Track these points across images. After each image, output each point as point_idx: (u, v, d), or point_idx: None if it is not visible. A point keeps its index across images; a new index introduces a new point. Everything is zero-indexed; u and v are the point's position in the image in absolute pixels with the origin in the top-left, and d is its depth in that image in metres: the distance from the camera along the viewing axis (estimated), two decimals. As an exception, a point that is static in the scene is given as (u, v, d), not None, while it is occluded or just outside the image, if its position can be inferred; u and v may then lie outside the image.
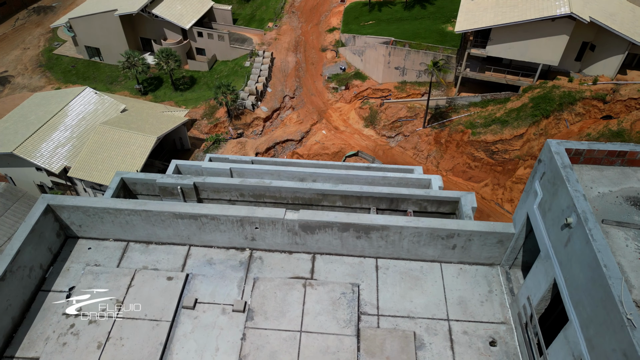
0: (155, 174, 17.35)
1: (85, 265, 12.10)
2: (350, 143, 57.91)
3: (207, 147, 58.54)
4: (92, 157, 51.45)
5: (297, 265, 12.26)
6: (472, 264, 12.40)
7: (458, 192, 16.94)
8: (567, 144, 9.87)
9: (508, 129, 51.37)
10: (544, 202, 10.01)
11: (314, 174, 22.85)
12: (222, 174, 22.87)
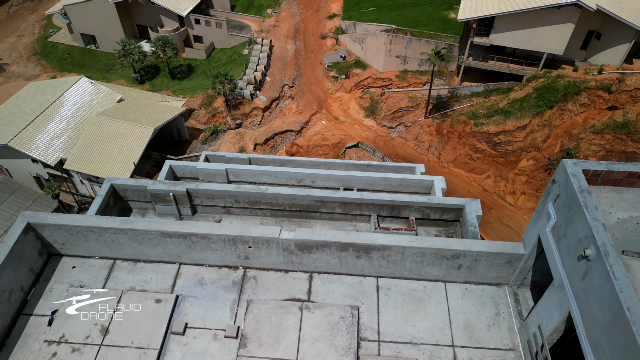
0: (146, 180, 16.62)
1: (69, 286, 11.44)
2: (351, 134, 57.01)
3: (205, 137, 57.68)
4: (88, 149, 50.64)
5: (293, 286, 11.60)
6: (479, 284, 11.73)
7: (462, 200, 16.23)
8: (584, 165, 9.11)
9: (511, 120, 50.43)
10: (558, 227, 9.28)
11: (312, 175, 22.12)
12: (217, 176, 22.14)
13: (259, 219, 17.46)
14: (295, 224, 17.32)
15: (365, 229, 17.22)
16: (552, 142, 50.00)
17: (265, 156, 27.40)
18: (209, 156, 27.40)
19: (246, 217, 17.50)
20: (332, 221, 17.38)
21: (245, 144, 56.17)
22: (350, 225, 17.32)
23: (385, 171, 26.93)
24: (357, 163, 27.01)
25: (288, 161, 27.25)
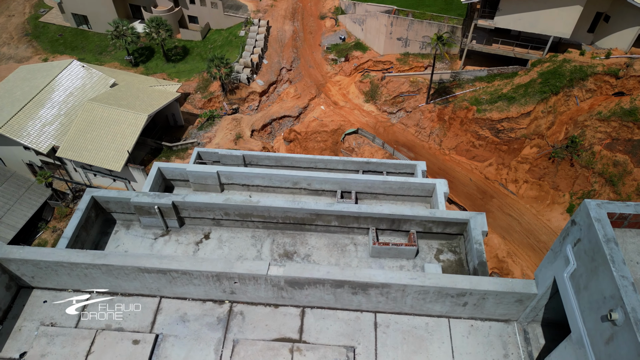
0: (129, 191, 15.56)
1: (39, 324, 10.51)
2: (350, 119, 55.63)
3: (201, 123, 56.31)
4: (80, 136, 49.37)
5: (284, 323, 10.68)
6: (485, 320, 10.81)
7: (467, 213, 15.20)
8: (609, 207, 8.04)
9: (515, 107, 49.02)
10: (579, 276, 8.26)
11: (308, 178, 21.05)
12: (208, 178, 21.07)
13: (250, 231, 16.47)
14: (288, 236, 16.34)
15: (364, 242, 16.24)
16: (557, 129, 48.71)
17: (260, 153, 26.26)
18: (201, 153, 26.28)
19: (237, 229, 16.51)
20: (329, 234, 16.39)
21: (242, 130, 54.86)
22: (348, 238, 16.34)
23: (385, 169, 25.90)
24: (355, 160, 25.89)
25: (284, 158, 26.13)
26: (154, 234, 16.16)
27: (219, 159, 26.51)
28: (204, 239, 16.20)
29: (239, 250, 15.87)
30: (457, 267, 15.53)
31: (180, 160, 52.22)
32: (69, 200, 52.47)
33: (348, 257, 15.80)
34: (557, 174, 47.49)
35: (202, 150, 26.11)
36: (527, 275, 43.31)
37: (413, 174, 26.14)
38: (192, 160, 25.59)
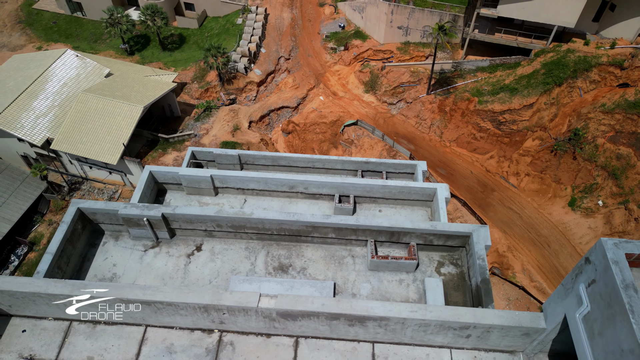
0: (117, 202, 14.86)
1: (17, 356, 9.93)
2: (349, 110, 54.71)
3: (197, 114, 55.38)
4: (75, 128, 48.53)
5: (276, 354, 10.11)
6: (489, 351, 10.24)
7: (469, 227, 14.56)
8: (627, 247, 7.39)
9: (517, 98, 48.10)
10: (593, 320, 7.63)
11: (305, 182, 20.36)
12: (202, 182, 20.40)
13: (244, 243, 15.85)
14: (284, 247, 15.72)
15: (362, 254, 15.63)
16: (560, 121, 47.87)
17: (256, 153, 25.52)
18: (195, 152, 25.57)
19: (230, 240, 15.88)
20: (325, 245, 15.77)
21: (240, 122, 53.97)
22: (345, 249, 15.72)
23: (384, 168, 25.21)
24: (354, 160, 25.17)
25: (280, 158, 25.41)
26: (144, 245, 15.54)
27: (214, 159, 25.80)
28: (196, 251, 15.58)
29: (232, 263, 15.27)
30: (458, 281, 14.95)
31: (177, 152, 51.46)
32: (65, 193, 51.83)
33: (345, 270, 15.21)
34: (559, 167, 46.79)
35: (197, 150, 25.39)
36: (527, 270, 42.92)
37: (413, 174, 25.50)
38: (186, 159, 24.92)
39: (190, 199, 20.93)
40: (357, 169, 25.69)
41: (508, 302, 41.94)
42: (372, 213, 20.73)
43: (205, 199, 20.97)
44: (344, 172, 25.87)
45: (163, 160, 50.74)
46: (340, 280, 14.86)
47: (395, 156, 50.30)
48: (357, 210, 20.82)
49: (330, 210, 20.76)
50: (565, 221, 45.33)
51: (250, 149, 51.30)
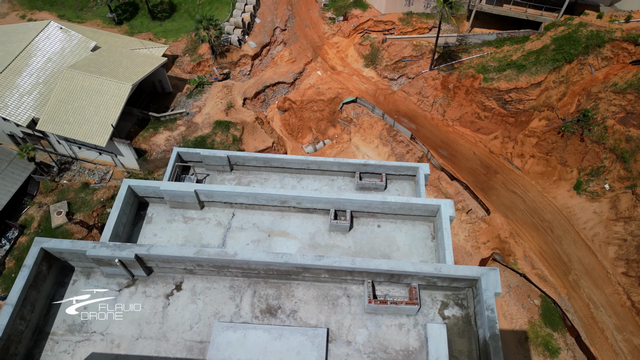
0: (85, 242, 13.33)
1: None
2: (349, 87, 52.37)
3: (190, 90, 53.04)
4: (61, 108, 46.41)
5: None
6: None
7: (478, 270, 13.13)
8: None
9: (525, 76, 45.76)
10: None
11: (297, 197, 18.78)
12: (185, 197, 18.83)
13: (228, 281, 14.44)
14: (272, 286, 14.34)
15: (359, 294, 14.26)
16: (568, 100, 45.75)
17: (246, 154, 23.82)
18: (181, 153, 23.91)
19: (213, 278, 14.47)
20: (318, 283, 14.38)
21: (234, 99, 51.75)
22: (340, 288, 14.34)
23: (384, 171, 23.63)
24: (351, 162, 23.51)
25: (273, 159, 23.74)
26: (118, 284, 14.15)
27: (201, 160, 24.17)
28: (175, 291, 14.21)
29: (215, 304, 13.92)
30: (464, 325, 13.65)
31: (168, 132, 49.53)
32: (55, 173, 50.20)
33: (340, 312, 13.88)
34: (565, 149, 45.06)
35: (183, 151, 23.70)
36: (529, 257, 41.99)
37: (415, 176, 23.92)
38: (172, 161, 23.27)
39: (174, 212, 19.43)
40: (354, 171, 24.10)
41: (508, 289, 41.21)
42: (370, 229, 19.28)
43: (190, 212, 19.47)
44: (340, 173, 24.28)
45: (154, 141, 48.91)
46: (334, 325, 13.56)
47: (395, 136, 48.44)
48: (354, 226, 19.36)
49: (326, 225, 19.30)
50: (570, 205, 44.02)
51: (245, 129, 49.38)
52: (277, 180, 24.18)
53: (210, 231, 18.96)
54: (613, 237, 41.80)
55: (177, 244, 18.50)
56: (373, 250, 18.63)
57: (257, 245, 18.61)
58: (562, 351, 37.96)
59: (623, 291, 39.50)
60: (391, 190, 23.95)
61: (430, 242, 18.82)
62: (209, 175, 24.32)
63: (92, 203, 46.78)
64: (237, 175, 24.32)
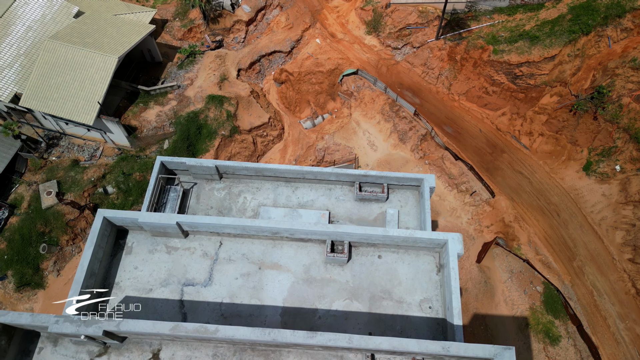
0: (47, 315, 11.81)
1: None
2: (349, 56, 49.34)
3: (180, 60, 50.05)
4: (44, 82, 43.84)
5: None
6: None
7: (491, 350, 11.67)
8: None
9: (538, 49, 42.78)
10: None
11: (290, 229, 17.10)
12: (168, 228, 17.17)
13: (211, 348, 13.04)
14: (260, 354, 12.95)
15: (355, 361, 12.92)
16: (583, 75, 43.03)
17: (236, 164, 21.92)
18: (165, 163, 22.04)
19: (194, 345, 13.07)
20: (312, 351, 13.00)
21: (227, 70, 48.90)
22: (336, 357, 12.95)
23: (385, 181, 21.88)
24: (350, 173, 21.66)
25: (265, 169, 21.89)
26: (89, 352, 12.79)
27: (187, 169, 22.32)
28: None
29: (197, 377, 12.61)
30: (471, 401, 12.36)
31: (159, 106, 47.09)
32: (43, 150, 48.24)
33: (335, 385, 12.60)
34: (577, 127, 42.85)
35: (167, 160, 21.83)
36: (533, 242, 40.80)
37: (419, 187, 22.15)
38: (155, 172, 21.43)
39: (156, 241, 17.84)
40: (353, 181, 22.31)
41: (511, 274, 40.36)
42: (370, 260, 17.75)
43: (174, 241, 17.88)
44: (338, 184, 22.50)
45: (145, 117, 46.59)
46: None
47: (398, 111, 46.05)
48: (353, 256, 17.82)
49: (321, 255, 17.75)
50: (578, 187, 42.37)
51: (240, 104, 46.90)
52: (270, 190, 22.46)
53: (195, 263, 17.46)
54: (621, 221, 40.44)
55: (160, 278, 17.05)
56: (373, 285, 17.19)
57: (247, 280, 17.16)
58: (563, 339, 37.54)
59: (628, 278, 38.60)
60: (393, 201, 22.27)
61: (435, 276, 17.34)
62: (197, 184, 22.56)
63: (82, 182, 45.14)
64: (227, 183, 22.56)
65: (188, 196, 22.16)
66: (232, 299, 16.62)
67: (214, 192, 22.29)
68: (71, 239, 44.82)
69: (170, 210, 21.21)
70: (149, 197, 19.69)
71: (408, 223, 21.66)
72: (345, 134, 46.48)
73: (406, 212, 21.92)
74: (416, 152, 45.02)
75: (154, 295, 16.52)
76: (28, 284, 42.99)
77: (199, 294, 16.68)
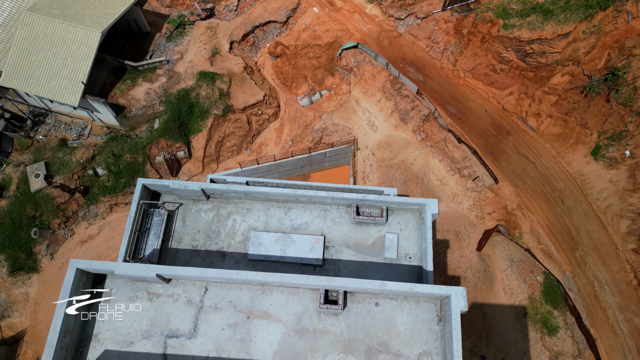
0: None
1: None
2: (349, 28, 46.29)
3: (169, 32, 47.03)
4: (24, 60, 41.32)
5: None
6: None
7: None
8: None
9: (551, 24, 39.90)
10: None
11: (280, 282, 15.83)
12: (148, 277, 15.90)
13: None
14: None
15: None
16: (597, 54, 40.41)
17: (224, 187, 20.36)
18: (148, 185, 20.48)
19: None
20: None
21: (219, 43, 46.04)
22: None
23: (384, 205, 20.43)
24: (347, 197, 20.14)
25: (256, 193, 20.34)
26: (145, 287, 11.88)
27: (172, 192, 20.79)
28: None
29: None
30: None
31: (148, 83, 44.66)
32: (29, 128, 46.28)
33: None
34: (587, 109, 40.74)
35: (149, 183, 20.25)
36: (536, 231, 39.81)
37: (420, 213, 20.71)
38: (136, 197, 19.91)
39: (137, 287, 16.64)
40: (350, 204, 20.87)
41: (511, 263, 39.67)
42: (367, 308, 16.63)
43: (156, 287, 16.67)
44: (334, 205, 21.03)
45: (133, 95, 44.29)
46: None
47: (400, 89, 43.70)
48: (349, 304, 16.68)
49: (314, 303, 16.61)
50: (585, 172, 40.87)
51: (233, 81, 44.45)
52: (261, 211, 21.04)
53: (179, 312, 16.33)
54: (627, 209, 39.26)
55: (141, 329, 15.98)
56: (369, 336, 16.16)
57: (234, 331, 16.10)
58: (561, 330, 37.35)
59: (631, 269, 37.91)
60: (393, 223, 20.90)
61: (435, 326, 16.27)
62: (182, 205, 21.10)
63: (71, 165, 43.57)
64: (215, 204, 21.10)
65: (173, 219, 20.76)
66: (218, 353, 15.64)
67: (201, 214, 20.88)
68: (63, 222, 43.83)
69: (155, 237, 19.88)
70: (129, 233, 18.27)
71: (408, 249, 20.41)
72: (344, 113, 44.37)
73: (406, 237, 20.61)
74: (418, 133, 43.13)
75: (136, 348, 15.51)
76: (21, 268, 42.43)
77: (183, 347, 15.66)
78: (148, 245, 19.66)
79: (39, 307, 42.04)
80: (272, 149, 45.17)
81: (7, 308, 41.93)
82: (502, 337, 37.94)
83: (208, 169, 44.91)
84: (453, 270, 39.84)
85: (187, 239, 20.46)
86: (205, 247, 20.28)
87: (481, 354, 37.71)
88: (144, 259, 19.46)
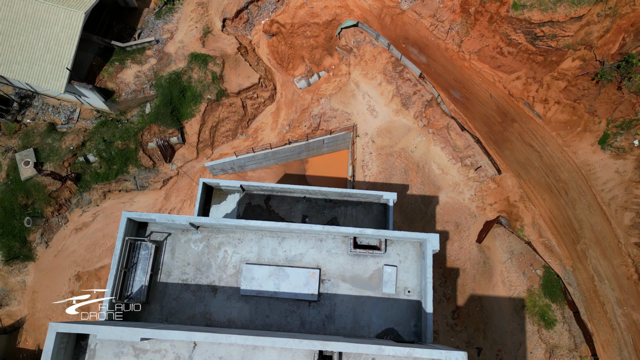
0: None
1: None
2: (349, 4, 43.58)
3: (158, 8, 44.31)
4: (6, 43, 39.13)
5: None
6: None
7: None
8: None
9: (564, 6, 37.40)
10: None
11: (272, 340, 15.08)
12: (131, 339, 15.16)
13: None
14: None
15: None
16: (611, 37, 38.13)
17: (214, 221, 19.30)
18: (133, 218, 19.40)
19: None
20: None
21: (211, 21, 43.47)
22: None
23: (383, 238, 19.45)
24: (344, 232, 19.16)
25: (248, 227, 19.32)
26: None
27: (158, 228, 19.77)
28: None
29: None
30: None
31: (137, 65, 42.53)
32: (15, 111, 44.54)
33: None
34: (597, 97, 38.97)
35: (135, 216, 19.16)
36: (537, 224, 39.06)
37: (421, 244, 19.79)
38: (121, 232, 18.90)
39: (122, 343, 15.95)
40: (347, 236, 19.90)
41: (511, 255, 39.20)
42: (362, 364, 16.01)
43: (143, 343, 15.97)
44: (330, 235, 20.06)
45: (122, 78, 42.28)
46: None
47: (402, 72, 41.68)
48: (343, 360, 16.04)
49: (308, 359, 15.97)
50: (591, 162, 39.66)
51: (226, 63, 42.31)
52: (253, 242, 20.12)
53: (168, 369, 15.74)
54: (632, 201, 38.36)
55: (129, 388, 15.44)
56: (364, 395, 15.65)
57: (225, 390, 15.57)
58: (558, 323, 37.38)
59: (632, 263, 37.48)
60: (391, 255, 20.04)
61: (433, 384, 15.70)
62: (171, 235, 20.14)
63: (61, 151, 42.23)
64: (205, 234, 20.14)
65: (161, 250, 19.85)
66: (209, 413, 15.13)
67: (191, 245, 19.96)
68: (56, 210, 43.04)
69: (142, 272, 19.06)
70: (114, 272, 17.40)
71: (407, 282, 19.64)
72: (343, 98, 42.54)
73: (405, 269, 19.79)
74: (420, 119, 41.51)
75: (123, 409, 14.99)
76: (17, 257, 42.07)
77: (172, 408, 15.15)
78: (136, 282, 18.87)
79: (36, 295, 42.00)
80: (268, 134, 43.66)
81: (5, 296, 41.90)
82: (499, 329, 38.04)
83: (203, 155, 43.62)
84: (452, 262, 39.43)
85: (177, 272, 19.64)
86: (195, 281, 19.51)
87: (478, 345, 37.94)
88: (132, 296, 18.71)
